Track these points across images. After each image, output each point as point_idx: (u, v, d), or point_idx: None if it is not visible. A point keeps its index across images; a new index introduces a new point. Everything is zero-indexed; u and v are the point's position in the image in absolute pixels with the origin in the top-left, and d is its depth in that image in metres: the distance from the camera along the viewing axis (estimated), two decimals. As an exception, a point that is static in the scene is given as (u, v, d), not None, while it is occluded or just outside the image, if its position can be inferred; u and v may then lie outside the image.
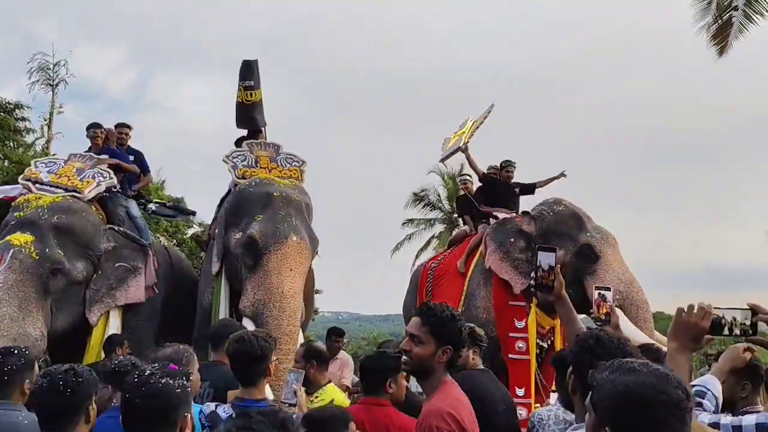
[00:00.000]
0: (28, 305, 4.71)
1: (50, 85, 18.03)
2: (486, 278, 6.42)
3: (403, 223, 22.17)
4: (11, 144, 15.43)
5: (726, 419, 2.16)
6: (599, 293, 2.86)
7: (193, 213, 7.22)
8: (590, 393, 1.31)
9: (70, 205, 5.36)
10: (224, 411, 2.53)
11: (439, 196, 21.66)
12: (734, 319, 1.64)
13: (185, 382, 1.85)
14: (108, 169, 5.95)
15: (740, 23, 9.72)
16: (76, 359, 4.82)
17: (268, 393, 2.78)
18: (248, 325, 5.00)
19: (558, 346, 5.83)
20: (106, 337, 5.04)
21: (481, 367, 3.19)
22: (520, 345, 5.92)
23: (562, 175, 7.22)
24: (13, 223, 5.14)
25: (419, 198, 21.70)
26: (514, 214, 6.73)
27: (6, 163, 13.72)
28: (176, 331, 5.72)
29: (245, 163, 6.11)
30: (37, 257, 4.86)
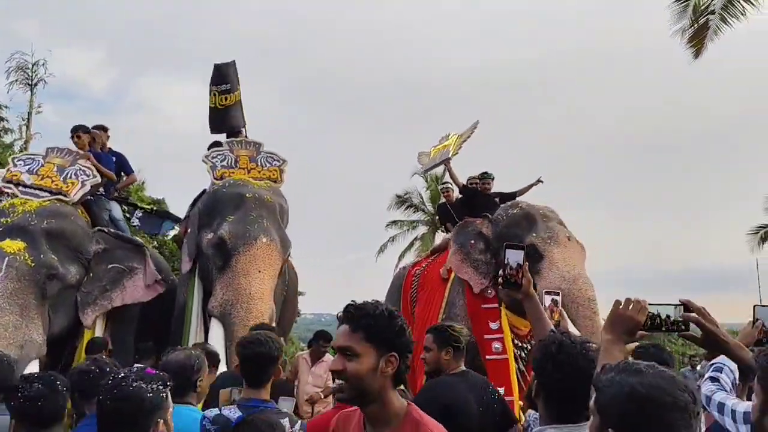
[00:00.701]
0: (29, 312, 4.72)
1: (29, 84, 17.79)
2: (465, 285, 6.53)
3: (387, 225, 22.23)
4: (-11, 145, 15.24)
5: (730, 401, 2.23)
6: (552, 299, 2.85)
7: (179, 220, 7.03)
8: (594, 395, 1.29)
9: (58, 209, 5.34)
10: (231, 412, 2.50)
11: (422, 198, 21.75)
12: (668, 316, 1.65)
13: (161, 387, 1.81)
14: (89, 166, 5.90)
15: (716, 26, 9.93)
16: (67, 362, 4.81)
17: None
18: (215, 326, 4.99)
19: None
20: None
21: (462, 368, 3.07)
22: (497, 346, 6.00)
23: (539, 181, 7.35)
24: (0, 229, 5.06)
25: (402, 200, 21.77)
26: (477, 219, 6.89)
27: (-16, 164, 13.51)
28: (155, 332, 5.72)
29: (224, 163, 6.11)
30: (33, 264, 4.84)
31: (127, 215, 6.66)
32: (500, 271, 2.29)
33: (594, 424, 1.28)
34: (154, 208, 7.28)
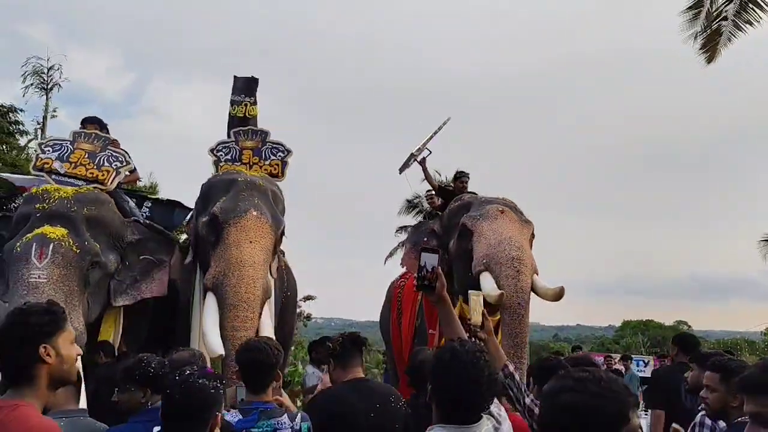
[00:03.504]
0: (72, 300, 4.57)
1: (44, 89, 18.01)
2: None
3: (397, 230, 22.15)
4: (4, 147, 15.44)
5: None
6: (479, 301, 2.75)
7: (189, 209, 6.98)
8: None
9: (96, 197, 5.26)
10: (232, 416, 2.55)
11: (432, 203, 21.66)
12: None
13: (218, 385, 2.06)
14: (121, 151, 5.87)
15: (729, 32, 9.86)
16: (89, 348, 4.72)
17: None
18: (209, 297, 4.92)
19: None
20: (111, 335, 5.05)
21: (358, 377, 2.87)
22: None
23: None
24: (38, 215, 4.88)
25: (413, 205, 21.72)
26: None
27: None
28: (164, 328, 5.74)
29: (228, 156, 6.21)
30: (78, 250, 4.72)
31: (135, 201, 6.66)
32: (416, 274, 2.34)
33: None
34: (164, 198, 7.23)
